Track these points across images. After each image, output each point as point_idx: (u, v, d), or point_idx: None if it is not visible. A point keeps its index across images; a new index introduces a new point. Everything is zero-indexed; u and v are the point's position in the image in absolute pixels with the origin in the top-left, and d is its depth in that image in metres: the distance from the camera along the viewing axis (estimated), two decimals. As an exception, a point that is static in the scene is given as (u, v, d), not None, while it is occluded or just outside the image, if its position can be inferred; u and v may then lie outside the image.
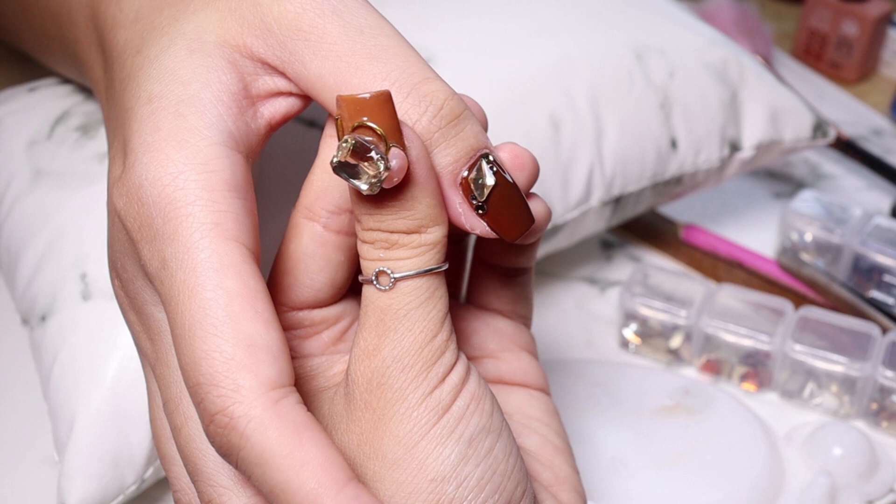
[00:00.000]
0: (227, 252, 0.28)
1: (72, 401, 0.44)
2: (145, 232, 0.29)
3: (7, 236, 0.50)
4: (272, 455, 0.27)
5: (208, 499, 0.30)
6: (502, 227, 0.32)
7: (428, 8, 0.57)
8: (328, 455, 0.27)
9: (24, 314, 0.49)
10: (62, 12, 0.42)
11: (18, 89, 0.56)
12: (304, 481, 0.27)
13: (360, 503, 0.27)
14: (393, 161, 0.28)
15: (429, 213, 0.30)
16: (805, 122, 0.63)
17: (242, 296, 0.28)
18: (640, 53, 0.58)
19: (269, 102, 0.32)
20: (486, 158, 0.31)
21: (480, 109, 0.34)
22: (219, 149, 0.30)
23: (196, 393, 0.28)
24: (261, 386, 0.27)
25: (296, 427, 0.27)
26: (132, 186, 0.30)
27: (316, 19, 0.31)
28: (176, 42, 0.32)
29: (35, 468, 0.49)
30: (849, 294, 0.60)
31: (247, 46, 0.31)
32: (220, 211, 0.29)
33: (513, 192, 0.32)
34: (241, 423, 0.27)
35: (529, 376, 0.38)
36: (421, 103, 0.30)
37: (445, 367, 0.30)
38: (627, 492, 0.48)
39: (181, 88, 0.30)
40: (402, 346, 0.30)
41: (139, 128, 0.30)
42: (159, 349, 0.32)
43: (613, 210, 0.58)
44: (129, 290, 0.32)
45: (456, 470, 0.30)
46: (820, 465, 0.50)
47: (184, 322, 0.28)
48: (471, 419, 0.30)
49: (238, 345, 0.27)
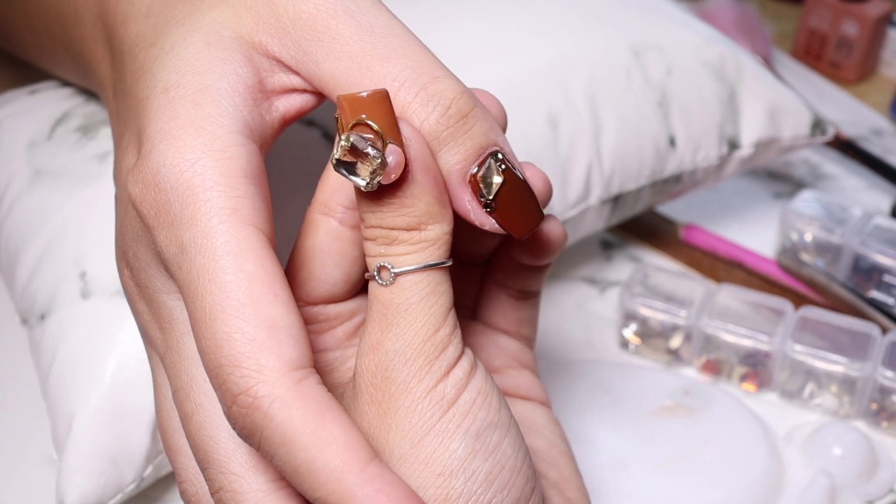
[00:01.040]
0: (245, 237, 0.29)
1: (70, 399, 0.44)
2: (162, 218, 0.30)
3: (6, 236, 0.50)
4: (296, 434, 0.27)
5: (219, 486, 0.30)
6: (511, 224, 0.32)
7: (425, 7, 0.57)
8: (351, 434, 0.27)
9: (23, 313, 0.49)
10: (67, 11, 0.42)
11: (19, 92, 0.56)
12: (327, 460, 0.27)
13: (384, 481, 0.27)
14: (389, 157, 0.29)
15: (429, 210, 0.30)
16: (804, 120, 0.63)
17: (262, 279, 0.28)
18: (638, 51, 0.58)
19: (284, 98, 0.32)
20: (494, 157, 0.31)
21: (497, 104, 0.34)
22: (235, 137, 0.30)
23: (217, 375, 0.28)
24: (283, 366, 0.27)
25: (319, 407, 0.27)
26: (149, 173, 0.30)
27: (329, 20, 0.31)
28: (192, 34, 0.32)
29: (34, 467, 0.49)
30: (849, 294, 0.60)
31: (262, 44, 0.32)
32: (238, 196, 0.29)
33: (522, 189, 0.32)
34: (264, 402, 0.27)
35: (532, 392, 0.39)
36: (429, 103, 0.30)
37: (449, 361, 0.30)
38: (627, 492, 0.48)
39: (198, 78, 0.31)
40: (405, 339, 0.30)
41: (155, 116, 0.31)
42: (170, 337, 0.32)
43: (612, 208, 0.58)
44: (141, 279, 0.32)
45: (464, 464, 0.30)
46: (820, 465, 0.50)
47: (204, 305, 0.28)
48: (477, 413, 0.30)
49: (259, 326, 0.28)
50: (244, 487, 0.30)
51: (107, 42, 0.38)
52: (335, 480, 0.27)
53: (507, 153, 0.32)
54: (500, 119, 0.34)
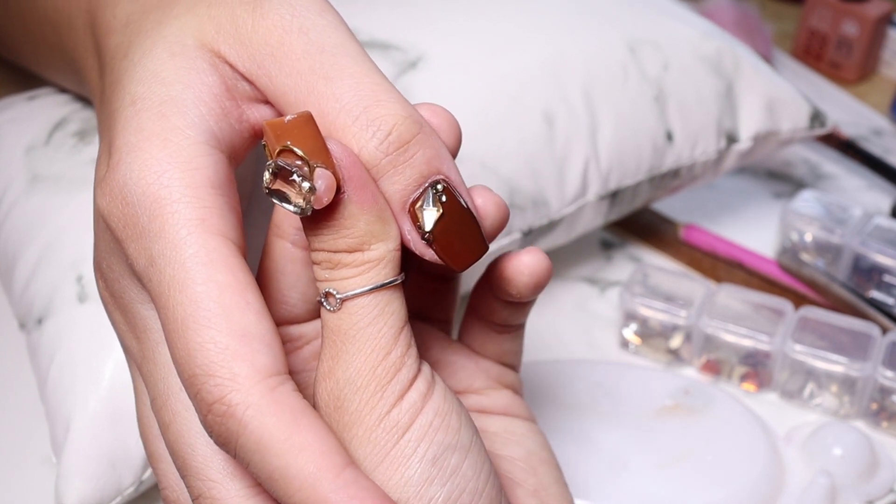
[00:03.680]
0: (214, 247, 0.29)
1: (69, 403, 0.44)
2: (130, 230, 0.30)
3: (4, 240, 0.50)
4: (270, 440, 0.27)
5: (198, 493, 0.30)
6: (450, 256, 0.31)
7: (420, 6, 0.57)
8: (326, 440, 0.27)
9: (20, 317, 0.49)
10: (61, 20, 0.42)
11: (18, 98, 0.56)
12: (302, 466, 0.27)
13: (359, 487, 0.27)
14: (318, 182, 0.28)
15: (369, 229, 0.29)
16: (802, 112, 0.63)
17: (233, 288, 0.28)
18: (634, 47, 0.58)
19: (255, 107, 0.32)
20: (434, 187, 0.30)
21: (450, 123, 0.33)
22: (202, 147, 0.30)
23: (192, 385, 0.28)
24: (257, 374, 0.27)
25: (293, 413, 0.27)
26: (116, 186, 0.30)
27: (283, 36, 0.31)
28: (158, 45, 0.32)
29: (34, 469, 0.49)
30: (849, 294, 0.60)
31: (222, 54, 0.31)
32: (205, 207, 0.29)
33: (464, 220, 0.31)
34: (238, 410, 0.27)
35: (512, 409, 0.38)
36: (369, 128, 0.30)
37: (403, 385, 0.30)
38: (627, 492, 0.48)
39: (163, 89, 0.31)
40: (354, 367, 0.29)
41: (123, 128, 0.31)
42: (145, 347, 0.32)
43: (611, 204, 0.58)
44: (114, 290, 0.32)
45: (420, 491, 0.29)
46: (820, 465, 0.50)
47: (176, 316, 0.28)
48: (434, 437, 0.29)
49: (232, 335, 0.28)
50: (222, 494, 0.30)
51: (96, 52, 0.38)
52: (309, 486, 0.27)
53: (453, 181, 0.31)
54: (453, 140, 0.33)
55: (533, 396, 0.53)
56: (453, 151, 0.33)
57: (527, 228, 0.55)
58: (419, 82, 0.52)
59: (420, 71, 0.53)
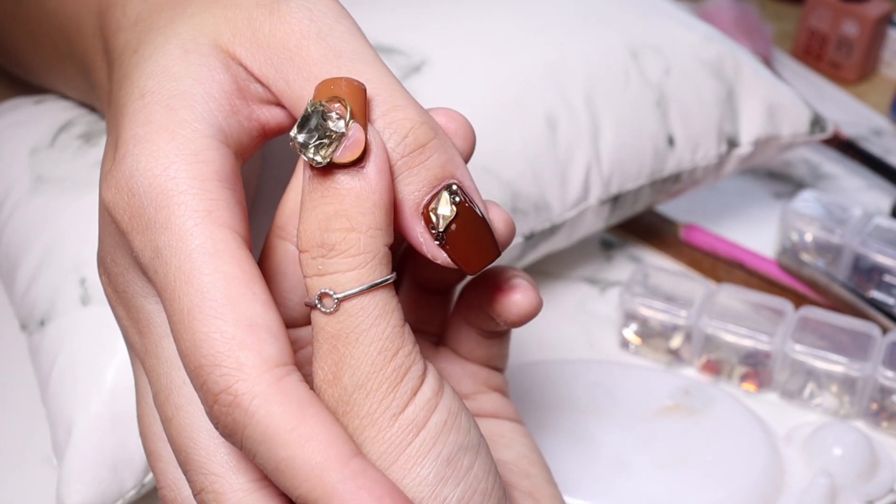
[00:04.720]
0: (221, 238, 0.29)
1: (70, 405, 0.44)
2: (136, 222, 0.30)
3: (7, 242, 0.50)
4: (277, 431, 0.27)
5: (200, 487, 0.30)
6: (463, 259, 0.31)
7: (422, 9, 0.57)
8: (333, 430, 0.27)
9: (22, 319, 0.49)
10: (71, 25, 0.42)
11: (24, 100, 0.56)
12: (309, 456, 0.27)
13: (367, 477, 0.27)
14: (351, 131, 0.28)
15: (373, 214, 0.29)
16: (802, 117, 0.63)
17: (239, 279, 0.28)
18: (636, 51, 0.58)
19: (266, 108, 0.32)
20: (448, 189, 0.30)
21: (465, 128, 0.33)
22: (209, 141, 0.30)
23: (198, 375, 0.28)
24: (263, 363, 0.27)
25: (300, 403, 0.27)
26: (122, 177, 0.30)
27: (301, 41, 0.31)
28: (171, 41, 0.32)
29: (35, 470, 0.49)
30: (849, 294, 0.60)
31: (237, 56, 0.31)
32: (212, 199, 0.29)
33: (477, 224, 0.31)
34: (245, 400, 0.27)
35: (501, 411, 0.38)
36: (385, 130, 0.30)
37: (415, 382, 0.29)
38: (627, 492, 0.48)
39: (173, 84, 0.31)
40: (363, 371, 0.29)
41: (130, 121, 0.31)
42: (148, 341, 0.32)
43: (612, 208, 0.58)
44: (118, 284, 0.32)
45: (435, 491, 0.29)
46: (820, 465, 0.50)
47: (182, 307, 0.28)
48: (448, 436, 0.29)
49: (238, 325, 0.27)
50: (225, 488, 0.29)
51: (105, 52, 0.38)
52: (316, 477, 0.26)
53: (466, 187, 0.31)
54: (467, 145, 0.33)
55: (533, 396, 0.53)
56: (467, 156, 0.33)
57: (529, 232, 0.55)
58: (423, 86, 0.53)
59: (423, 75, 0.53)
